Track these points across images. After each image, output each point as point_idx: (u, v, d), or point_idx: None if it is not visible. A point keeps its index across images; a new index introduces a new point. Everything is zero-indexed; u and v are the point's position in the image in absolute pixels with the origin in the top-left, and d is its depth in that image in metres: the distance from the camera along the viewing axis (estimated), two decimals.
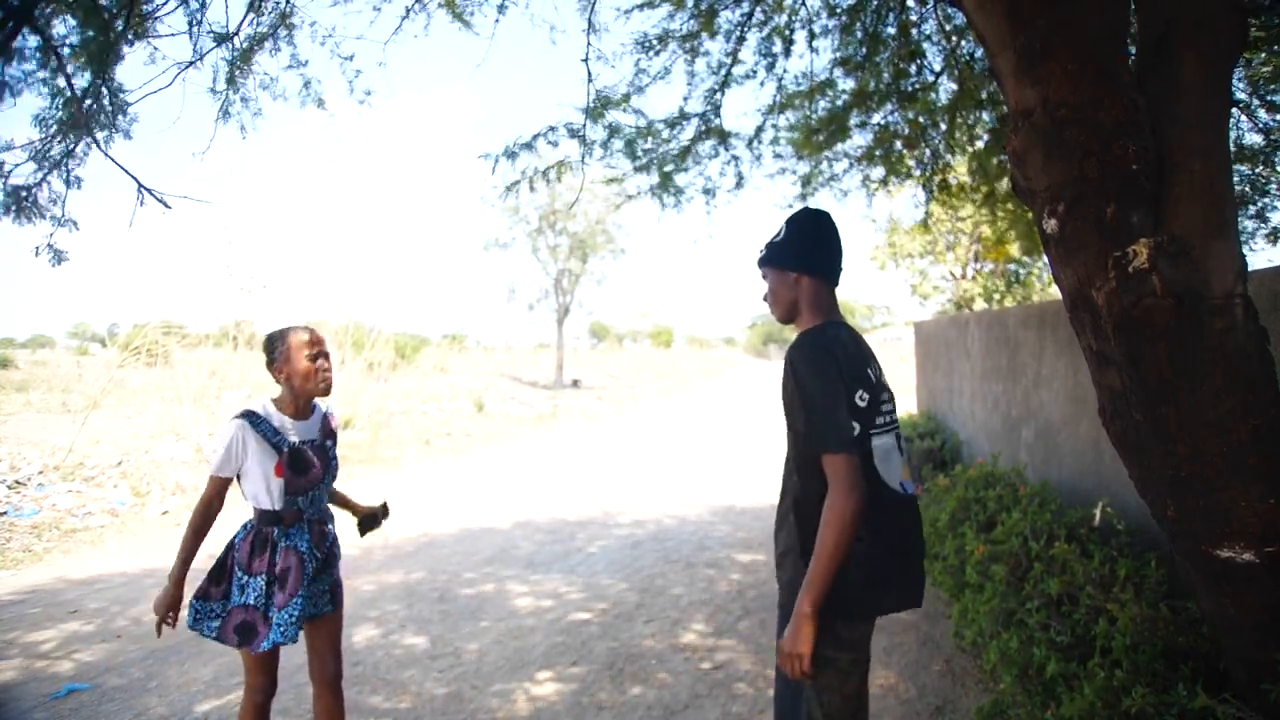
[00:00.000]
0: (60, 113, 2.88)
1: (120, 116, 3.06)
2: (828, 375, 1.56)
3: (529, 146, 3.90)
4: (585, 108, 3.97)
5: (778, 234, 1.82)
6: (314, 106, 3.82)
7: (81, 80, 2.96)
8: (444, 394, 17.01)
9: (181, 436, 8.83)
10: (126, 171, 2.90)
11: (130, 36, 3.04)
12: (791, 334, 1.83)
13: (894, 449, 1.65)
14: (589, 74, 3.90)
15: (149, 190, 2.93)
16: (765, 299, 1.86)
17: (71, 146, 2.95)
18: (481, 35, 3.89)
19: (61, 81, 2.87)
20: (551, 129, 3.94)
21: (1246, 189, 3.91)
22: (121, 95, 3.07)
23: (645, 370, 35.83)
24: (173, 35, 3.32)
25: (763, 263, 1.84)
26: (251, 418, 2.15)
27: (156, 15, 3.18)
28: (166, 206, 2.95)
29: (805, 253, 1.77)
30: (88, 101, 2.93)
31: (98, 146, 2.96)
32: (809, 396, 1.56)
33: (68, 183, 2.99)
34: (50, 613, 4.27)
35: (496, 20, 3.82)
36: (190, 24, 3.25)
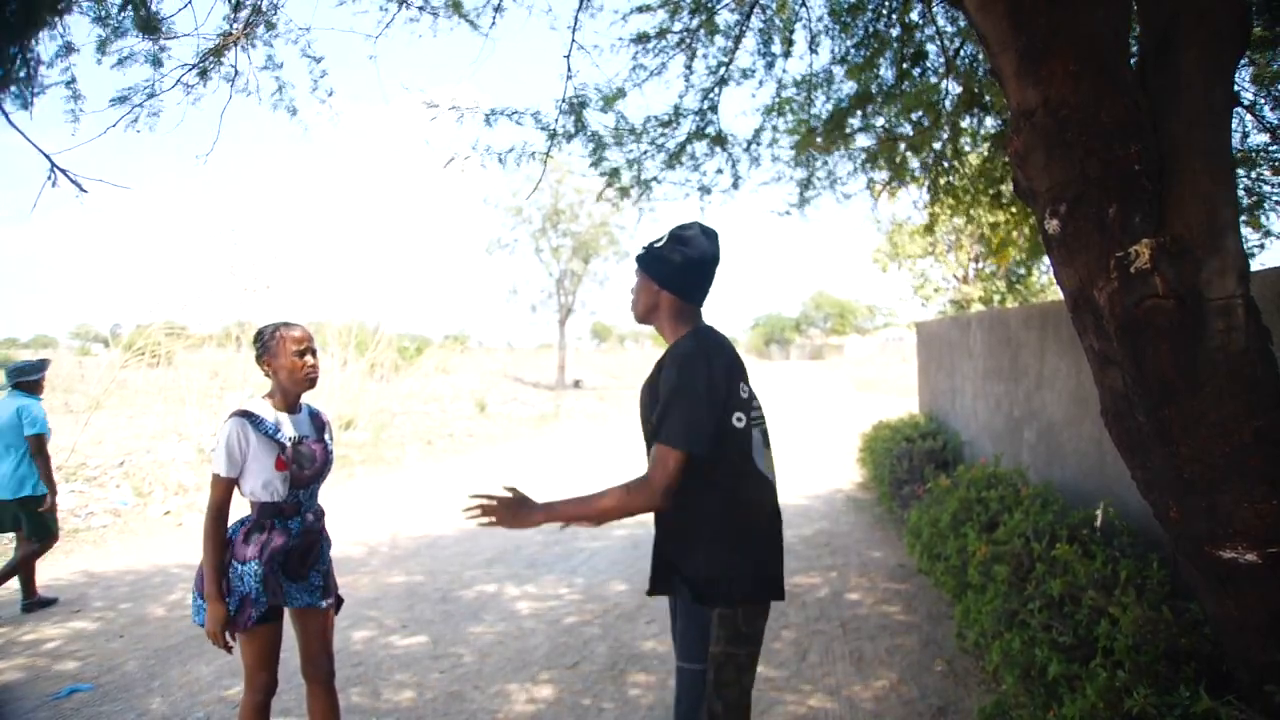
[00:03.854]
0: None
1: (37, 89, 2.92)
2: (699, 380, 1.67)
3: (486, 121, 3.88)
4: (560, 101, 3.96)
5: (660, 240, 1.84)
6: (285, 113, 3.73)
7: None
8: (446, 394, 17.01)
9: (184, 437, 8.84)
10: (36, 147, 2.73)
11: (62, 8, 2.92)
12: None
13: (762, 444, 1.78)
14: (569, 69, 3.89)
15: (62, 170, 2.79)
16: (631, 292, 1.92)
17: None
18: (489, 36, 3.86)
19: None
20: (517, 112, 3.92)
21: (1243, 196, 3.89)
22: (38, 67, 2.90)
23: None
24: (178, 37, 3.28)
25: (638, 263, 1.89)
26: (248, 415, 2.17)
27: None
28: (82, 190, 2.82)
29: (674, 273, 1.81)
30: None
31: (4, 116, 2.84)
32: (680, 395, 1.66)
33: None
34: (53, 612, 4.28)
35: (493, 22, 3.81)
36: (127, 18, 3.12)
